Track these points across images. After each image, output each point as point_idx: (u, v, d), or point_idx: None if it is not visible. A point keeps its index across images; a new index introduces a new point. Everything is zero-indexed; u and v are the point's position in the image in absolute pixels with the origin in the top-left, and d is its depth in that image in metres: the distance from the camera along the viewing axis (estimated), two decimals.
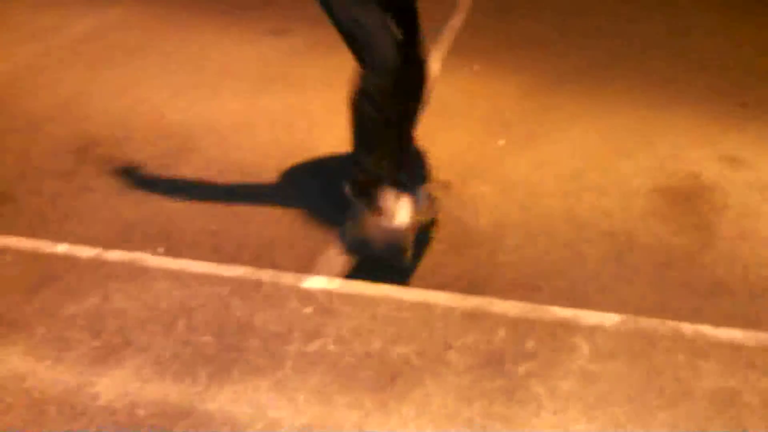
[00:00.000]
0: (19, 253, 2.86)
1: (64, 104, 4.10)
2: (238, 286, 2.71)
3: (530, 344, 2.45)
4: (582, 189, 3.34)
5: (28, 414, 2.19)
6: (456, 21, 5.28)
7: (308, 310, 2.59)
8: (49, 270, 2.75)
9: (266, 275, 2.76)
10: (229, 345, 2.42)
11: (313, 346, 2.43)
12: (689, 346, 2.41)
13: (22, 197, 3.26)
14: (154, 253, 2.84)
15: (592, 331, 2.49)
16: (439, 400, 2.24)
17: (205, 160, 3.54)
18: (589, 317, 2.55)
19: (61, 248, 2.86)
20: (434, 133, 3.79)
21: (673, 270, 2.85)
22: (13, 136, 3.82)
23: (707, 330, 2.48)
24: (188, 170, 3.44)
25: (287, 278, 2.74)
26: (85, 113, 4.01)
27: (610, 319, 2.54)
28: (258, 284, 2.71)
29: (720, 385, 2.26)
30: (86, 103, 4.13)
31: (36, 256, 2.84)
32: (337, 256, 2.89)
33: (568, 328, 2.51)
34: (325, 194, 3.28)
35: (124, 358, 2.38)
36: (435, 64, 2.90)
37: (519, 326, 2.52)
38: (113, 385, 2.28)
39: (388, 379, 2.31)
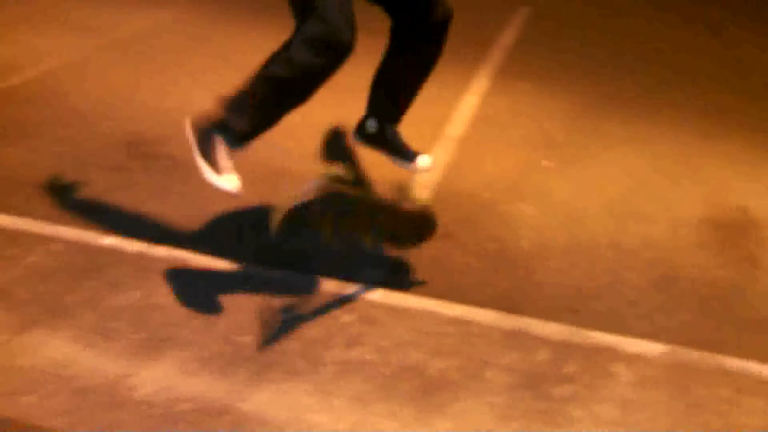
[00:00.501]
0: (67, 243, 2.90)
1: (114, 101, 4.17)
2: (281, 289, 2.72)
3: (570, 368, 2.43)
4: (627, 215, 3.32)
5: (69, 401, 2.22)
6: (506, 40, 5.29)
7: (349, 318, 2.60)
8: (95, 261, 2.79)
9: (309, 281, 2.77)
10: (269, 347, 2.43)
11: (353, 354, 2.44)
12: (733, 382, 2.37)
13: (72, 188, 3.30)
14: (199, 251, 2.86)
15: (633, 359, 2.47)
16: (476, 417, 2.23)
17: (251, 163, 3.53)
18: (631, 345, 2.53)
19: (109, 241, 2.90)
20: (480, 151, 3.79)
21: (717, 303, 2.81)
22: (65, 128, 3.88)
23: (753, 366, 2.44)
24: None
25: (330, 285, 2.75)
26: (134, 110, 4.07)
27: (652, 348, 2.52)
28: (300, 289, 2.73)
29: (766, 423, 2.22)
30: (136, 100, 4.19)
31: (84, 247, 2.88)
32: (379, 267, 2.89)
33: (610, 354, 2.49)
34: None
35: (165, 352, 2.40)
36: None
37: (559, 349, 2.50)
38: (153, 379, 2.30)
39: (425, 392, 2.30)
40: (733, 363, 2.46)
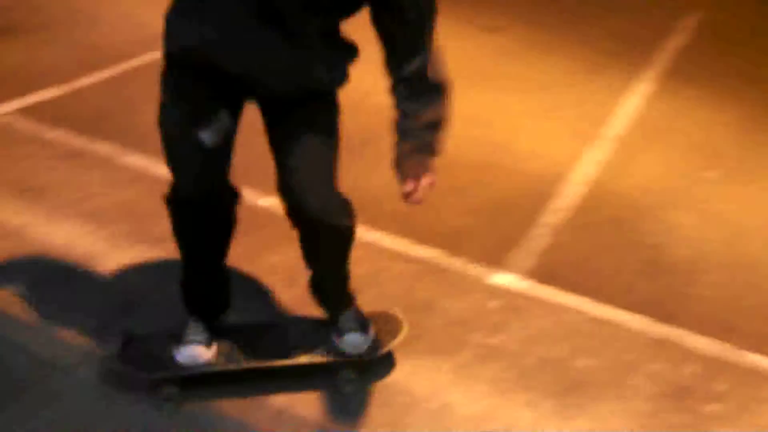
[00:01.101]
0: None
1: None
2: (427, 268, 2.74)
3: (720, 386, 2.32)
4: None
5: None
6: (675, 43, 5.09)
7: (493, 304, 2.58)
8: (253, 220, 2.87)
9: (455, 263, 2.78)
10: (413, 321, 2.43)
11: (495, 340, 2.42)
12: None
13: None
14: None
15: None
16: (618, 421, 2.17)
17: None
18: None
19: (265, 202, 2.99)
20: (639, 153, 3.67)
21: None
22: None
23: None
24: (387, 150, 3.50)
25: (475, 270, 2.75)
26: None
27: None
28: (446, 270, 2.74)
29: None
30: None
31: (242, 206, 2.98)
32: (527, 256, 2.85)
33: (764, 378, 2.37)
34: (522, 194, 3.26)
35: (316, 310, 2.44)
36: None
37: (710, 365, 2.40)
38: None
39: (567, 387, 2.27)
40: None
